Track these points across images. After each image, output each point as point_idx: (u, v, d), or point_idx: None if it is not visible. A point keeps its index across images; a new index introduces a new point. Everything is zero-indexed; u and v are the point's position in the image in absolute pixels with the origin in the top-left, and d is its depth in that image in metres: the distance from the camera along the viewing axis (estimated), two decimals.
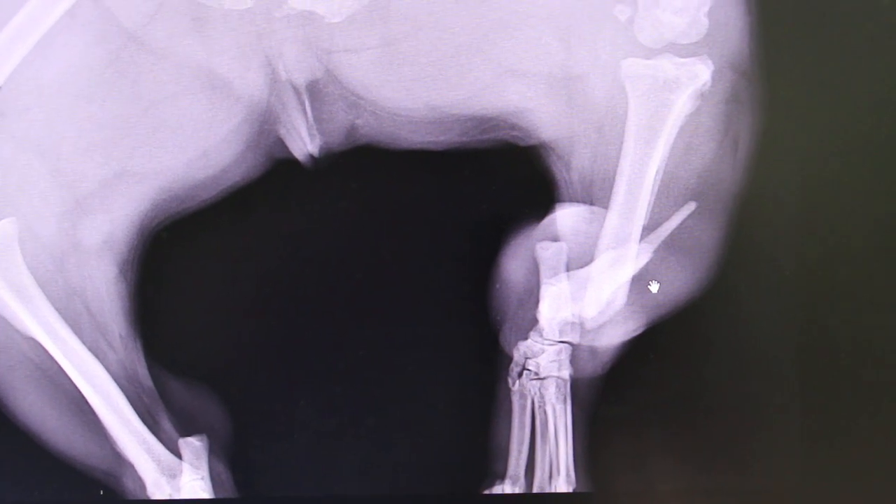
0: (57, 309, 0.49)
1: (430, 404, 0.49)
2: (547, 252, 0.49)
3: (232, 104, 0.49)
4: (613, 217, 0.49)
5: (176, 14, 0.48)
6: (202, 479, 0.49)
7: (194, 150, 0.49)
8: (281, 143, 0.49)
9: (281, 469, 0.49)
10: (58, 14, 0.47)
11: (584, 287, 0.49)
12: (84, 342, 0.49)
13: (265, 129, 0.49)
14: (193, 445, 0.49)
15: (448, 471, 0.49)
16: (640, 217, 0.49)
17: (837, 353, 0.49)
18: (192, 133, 0.49)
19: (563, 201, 0.49)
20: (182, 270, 0.49)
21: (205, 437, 0.49)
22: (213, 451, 0.49)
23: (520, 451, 0.50)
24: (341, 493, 0.49)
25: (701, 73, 0.48)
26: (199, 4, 0.48)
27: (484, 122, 0.49)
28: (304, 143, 0.49)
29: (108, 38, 0.48)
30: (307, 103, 0.49)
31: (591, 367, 0.50)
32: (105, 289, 0.49)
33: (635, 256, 0.49)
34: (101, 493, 0.49)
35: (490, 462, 0.49)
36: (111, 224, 0.49)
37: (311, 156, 0.49)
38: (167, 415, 0.49)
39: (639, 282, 0.49)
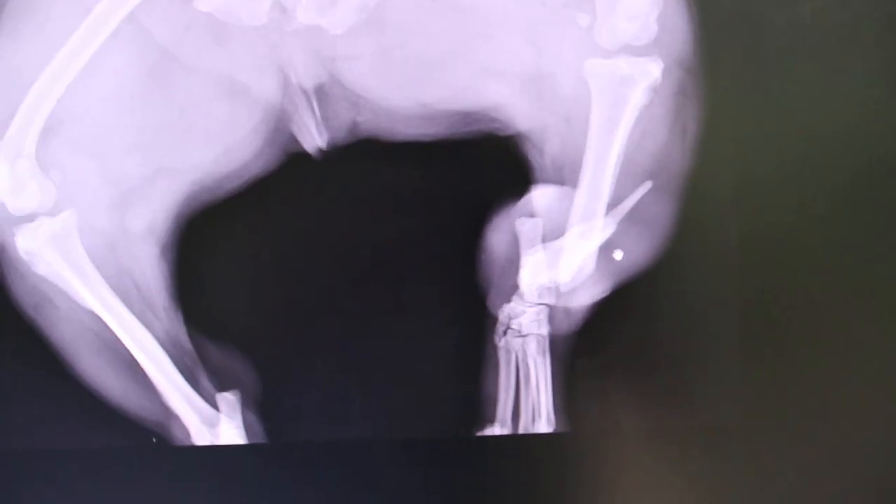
0: (111, 286, 0.54)
1: (428, 360, 0.53)
2: (525, 227, 0.53)
3: (251, 107, 0.53)
4: (582, 195, 0.53)
5: (202, 31, 0.53)
6: (237, 427, 0.54)
7: (220, 147, 0.53)
8: (294, 139, 0.53)
9: (301, 418, 0.54)
10: (104, 35, 0.53)
11: (558, 256, 0.54)
12: (134, 313, 0.54)
13: (280, 127, 0.53)
14: (228, 399, 0.54)
15: (445, 417, 0.54)
16: (605, 195, 0.53)
17: (773, 312, 0.53)
18: (217, 133, 0.53)
19: (538, 183, 0.53)
20: (214, 251, 0.53)
21: (238, 392, 0.54)
22: (245, 404, 0.54)
23: (506, 399, 0.54)
24: (354, 438, 0.54)
25: (652, 71, 0.53)
26: (221, 22, 0.53)
27: (468, 116, 0.53)
28: (313, 139, 0.53)
29: (145, 53, 0.53)
30: (315, 104, 0.53)
31: (566, 325, 0.54)
32: (150, 268, 0.54)
33: (601, 229, 0.53)
34: (154, 440, 0.54)
35: (481, 409, 0.54)
36: (152, 213, 0.54)
37: (320, 149, 0.53)
38: (205, 374, 0.54)
39: (605, 251, 0.53)
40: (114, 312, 0.54)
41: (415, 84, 0.53)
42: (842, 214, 0.53)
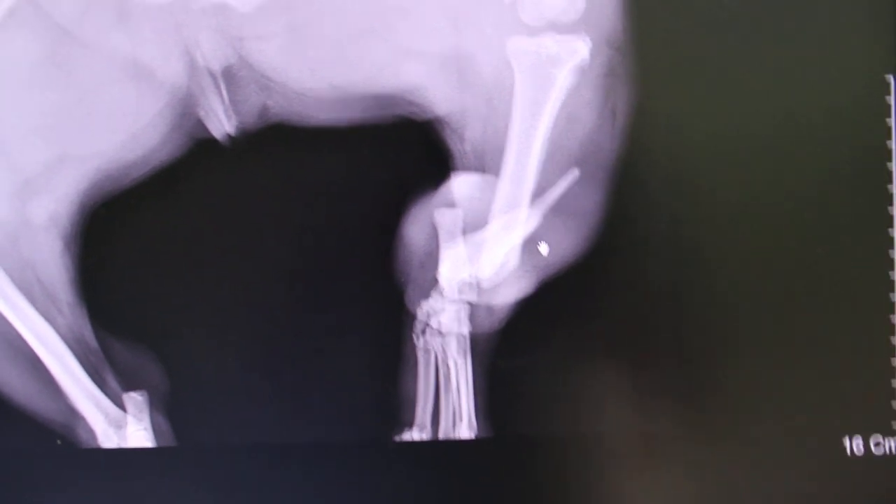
0: (12, 280, 0.52)
1: (343, 360, 0.52)
2: (445, 218, 0.51)
3: (156, 90, 0.52)
4: (504, 184, 0.51)
5: (103, 10, 0.51)
6: (145, 429, 0.53)
7: (124, 133, 0.52)
8: (201, 124, 0.52)
9: (212, 420, 0.52)
10: (0, 15, 0.51)
11: (480, 250, 0.52)
12: (37, 309, 0.52)
13: (186, 112, 0.52)
14: (136, 400, 0.53)
15: (361, 420, 0.52)
16: (529, 184, 0.51)
17: (708, 307, 0.52)
18: (121, 118, 0.52)
19: (458, 171, 0.51)
20: (119, 243, 0.52)
21: (145, 392, 0.52)
22: (154, 405, 0.53)
23: (426, 402, 0.52)
24: (266, 441, 0.52)
25: (580, 50, 0.51)
26: (123, 1, 0.51)
27: (383, 100, 0.51)
28: (221, 124, 0.51)
29: (44, 33, 0.51)
30: (223, 87, 0.52)
31: (489, 324, 0.52)
32: (53, 261, 0.52)
33: (525, 220, 0.51)
34: (59, 442, 0.52)
35: (399, 412, 0.52)
36: (56, 203, 0.52)
37: (229, 135, 0.52)
38: (112, 372, 0.52)
39: (529, 244, 0.52)
40: (15, 308, 0.52)
41: (327, 65, 0.51)
42: (780, 199, 0.52)
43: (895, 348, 0.52)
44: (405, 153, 0.51)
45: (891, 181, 0.52)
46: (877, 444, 0.52)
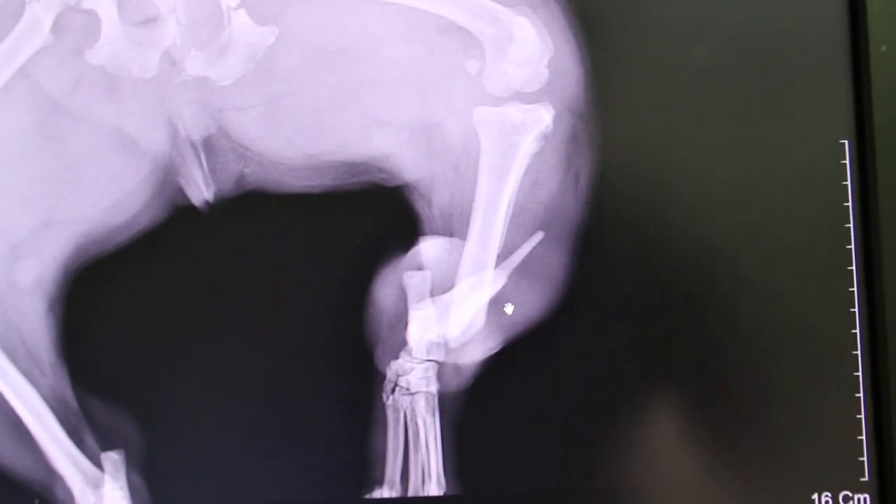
0: None
1: (314, 420, 0.52)
2: (413, 280, 0.52)
3: (139, 159, 0.54)
4: (471, 247, 0.52)
5: (92, 84, 0.53)
6: (122, 489, 0.53)
7: (109, 200, 0.53)
8: (181, 191, 0.53)
9: (187, 480, 0.53)
10: None
11: (448, 310, 0.53)
12: (20, 369, 0.53)
13: (168, 179, 0.53)
14: (113, 459, 0.53)
15: (333, 479, 0.52)
16: (495, 246, 0.52)
17: (675, 363, 0.52)
18: (106, 185, 0.53)
19: (426, 234, 0.53)
20: (102, 305, 0.53)
21: (123, 452, 0.53)
22: (130, 464, 0.53)
23: (395, 460, 0.52)
24: (240, 501, 0.52)
25: (544, 117, 0.52)
26: (111, 76, 0.53)
27: (354, 167, 0.53)
28: (200, 191, 0.53)
29: (36, 106, 0.54)
30: (203, 156, 0.53)
31: (456, 382, 0.52)
32: (37, 323, 0.53)
33: (492, 281, 0.52)
34: (37, 501, 0.53)
35: (369, 470, 0.52)
36: (41, 266, 0.53)
37: (207, 201, 0.53)
38: (90, 432, 0.53)
39: (495, 304, 0.52)
40: None
41: (302, 134, 0.53)
42: (742, 261, 0.53)
43: (861, 403, 0.52)
44: (375, 218, 0.52)
45: (849, 242, 0.52)
46: (846, 500, 0.52)
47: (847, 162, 0.53)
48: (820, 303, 0.52)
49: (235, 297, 0.53)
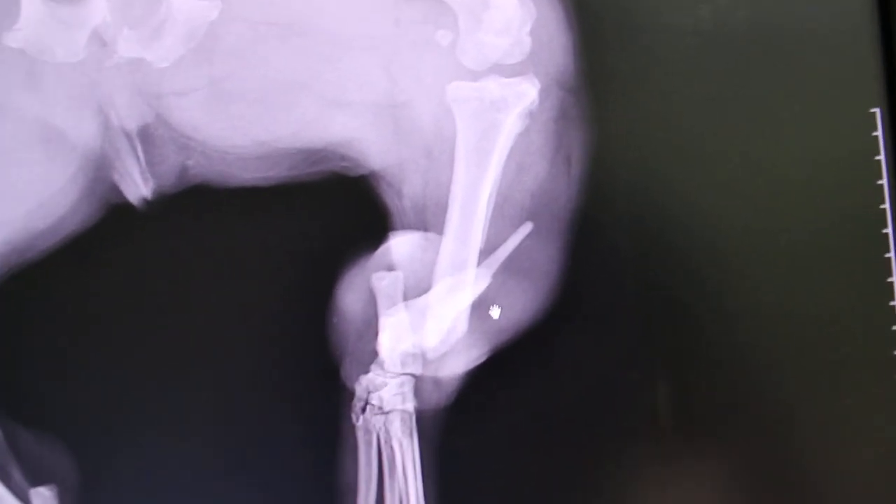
0: None
1: (274, 446, 0.49)
2: (383, 282, 0.49)
3: (67, 154, 0.50)
4: (449, 242, 0.49)
5: (10, 70, 0.49)
6: None
7: (32, 201, 0.50)
8: (115, 188, 0.49)
9: None
10: None
11: (424, 316, 0.49)
12: None
13: (100, 175, 0.50)
14: (43, 495, 0.49)
15: None
16: (477, 241, 0.49)
17: (686, 374, 0.49)
18: (28, 185, 0.50)
19: (397, 229, 0.49)
20: (27, 321, 0.49)
21: (55, 487, 0.49)
22: (63, 502, 0.49)
23: (368, 489, 0.49)
24: None
25: (528, 92, 0.49)
26: (32, 59, 0.49)
27: (312, 155, 0.49)
28: (137, 187, 0.49)
29: None
30: (139, 148, 0.50)
31: (436, 399, 0.49)
32: None
33: (474, 282, 0.49)
34: None
35: (339, 501, 0.49)
36: None
37: (145, 199, 0.49)
38: (17, 466, 0.49)
39: (479, 308, 0.49)
40: None
41: (251, 120, 0.50)
42: (759, 251, 0.50)
43: None
44: (338, 212, 0.49)
45: (885, 225, 0.50)
46: None
47: (879, 133, 0.50)
48: (853, 297, 0.49)
49: (180, 307, 0.49)
